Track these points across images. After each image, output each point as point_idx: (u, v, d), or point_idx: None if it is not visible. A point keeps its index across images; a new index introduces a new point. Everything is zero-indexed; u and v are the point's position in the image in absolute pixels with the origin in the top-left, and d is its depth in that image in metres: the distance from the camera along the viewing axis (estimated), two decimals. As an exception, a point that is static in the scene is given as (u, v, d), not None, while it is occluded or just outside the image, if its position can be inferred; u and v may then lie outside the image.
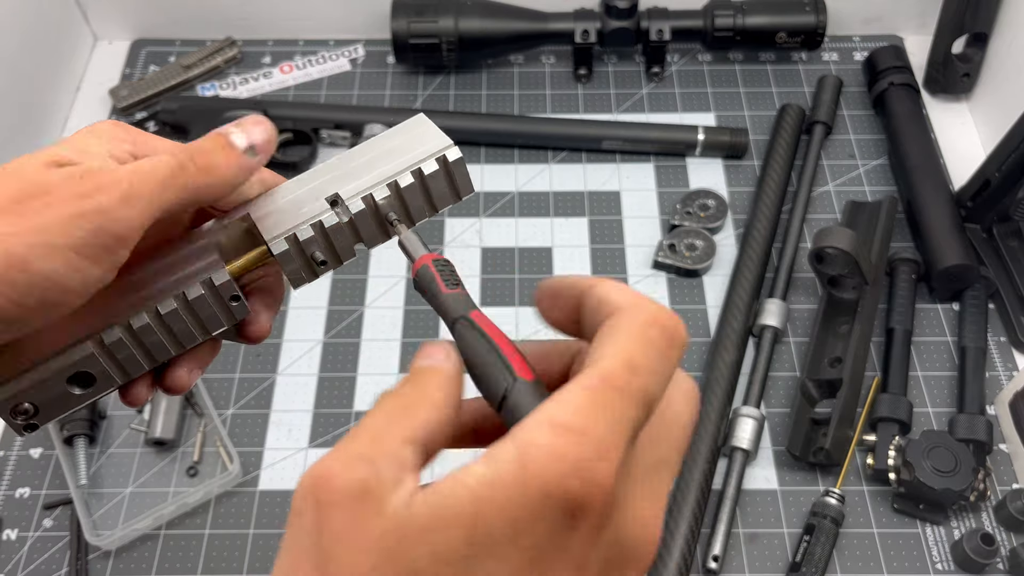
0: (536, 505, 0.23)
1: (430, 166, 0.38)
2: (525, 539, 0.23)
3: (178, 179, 0.33)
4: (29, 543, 0.65)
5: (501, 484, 0.23)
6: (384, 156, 0.39)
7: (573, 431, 0.23)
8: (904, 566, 0.63)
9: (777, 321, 0.73)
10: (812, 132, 0.86)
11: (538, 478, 0.23)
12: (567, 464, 0.23)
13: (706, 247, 0.78)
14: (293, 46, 0.97)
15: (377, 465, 0.25)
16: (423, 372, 0.29)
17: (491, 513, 0.23)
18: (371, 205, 0.38)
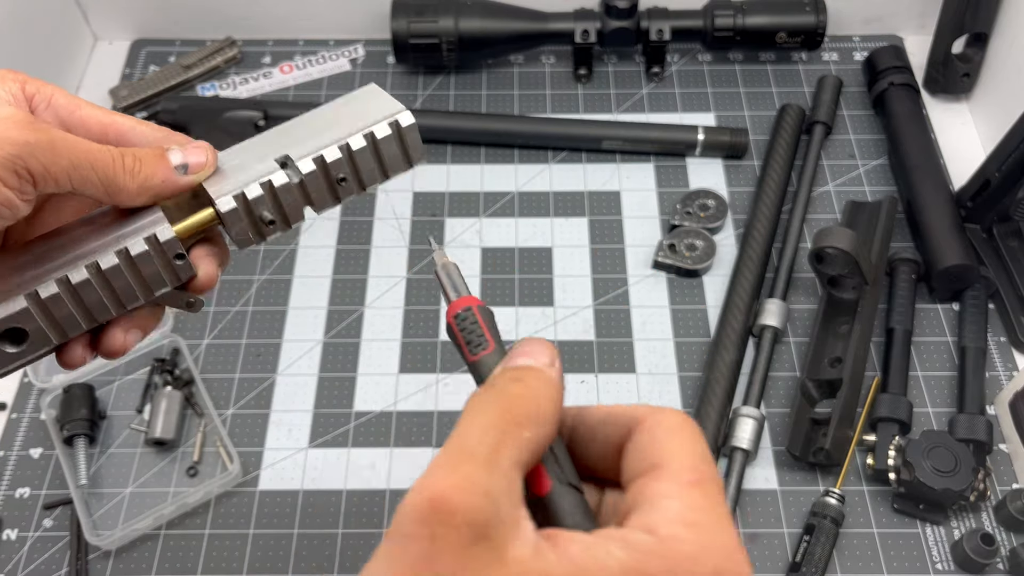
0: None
1: (383, 130, 0.38)
2: None
3: (105, 166, 0.34)
4: (29, 543, 0.65)
5: (646, 561, 0.23)
6: (336, 122, 0.38)
7: (704, 534, 0.24)
8: (904, 566, 0.63)
9: (777, 321, 0.73)
10: (812, 132, 0.86)
11: (690, 563, 0.23)
12: (719, 558, 0.24)
13: (706, 247, 0.78)
14: (293, 46, 0.97)
15: (497, 502, 0.23)
16: (532, 377, 0.27)
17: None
18: (322, 166, 0.37)
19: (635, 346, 0.75)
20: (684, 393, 0.72)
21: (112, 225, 0.36)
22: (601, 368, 0.73)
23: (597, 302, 0.77)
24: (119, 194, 0.35)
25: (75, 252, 0.35)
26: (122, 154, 0.35)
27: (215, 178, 0.37)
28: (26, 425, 0.71)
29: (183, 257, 0.37)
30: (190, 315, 0.77)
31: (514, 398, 0.26)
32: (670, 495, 0.25)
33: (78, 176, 0.33)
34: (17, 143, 0.32)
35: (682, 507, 0.25)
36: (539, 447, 0.26)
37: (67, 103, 0.38)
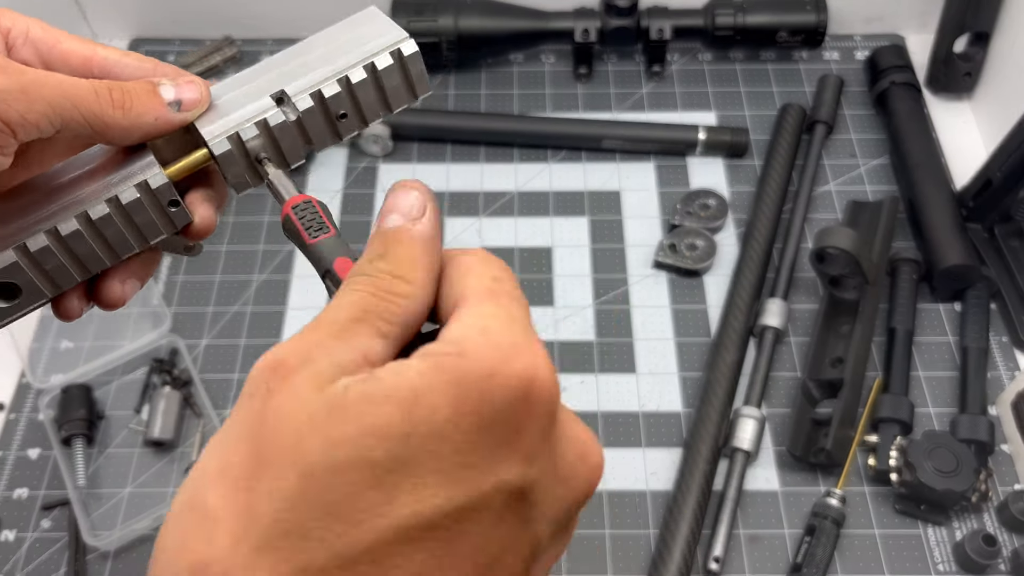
0: (482, 385, 0.22)
1: (384, 60, 0.35)
2: (470, 420, 0.22)
3: (88, 103, 0.31)
4: (27, 544, 0.65)
5: (441, 368, 0.22)
6: (334, 51, 0.36)
7: (491, 333, 0.23)
8: (905, 567, 0.63)
9: (778, 321, 0.72)
10: (813, 131, 0.86)
11: (481, 361, 0.22)
12: (507, 349, 0.23)
13: (706, 247, 0.78)
14: (292, 45, 0.97)
15: (337, 355, 0.23)
16: (400, 241, 0.26)
17: (432, 393, 0.22)
18: (320, 102, 0.35)
19: (635, 346, 0.74)
20: (685, 393, 0.72)
21: (102, 167, 0.34)
22: (601, 368, 0.73)
23: (597, 302, 0.77)
24: (108, 131, 0.32)
25: (64, 200, 0.33)
26: (108, 88, 0.32)
27: (207, 114, 0.35)
28: (24, 426, 0.71)
29: (177, 204, 0.35)
30: (189, 316, 0.76)
31: (381, 275, 0.25)
32: (462, 315, 0.24)
33: (59, 118, 0.31)
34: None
35: (472, 318, 0.24)
36: (413, 316, 0.25)
37: (45, 36, 0.35)
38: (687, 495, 0.64)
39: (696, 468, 0.65)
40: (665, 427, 0.70)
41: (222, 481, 0.22)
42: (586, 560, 0.64)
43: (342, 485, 0.21)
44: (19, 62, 0.33)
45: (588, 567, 0.64)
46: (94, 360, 0.72)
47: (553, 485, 0.24)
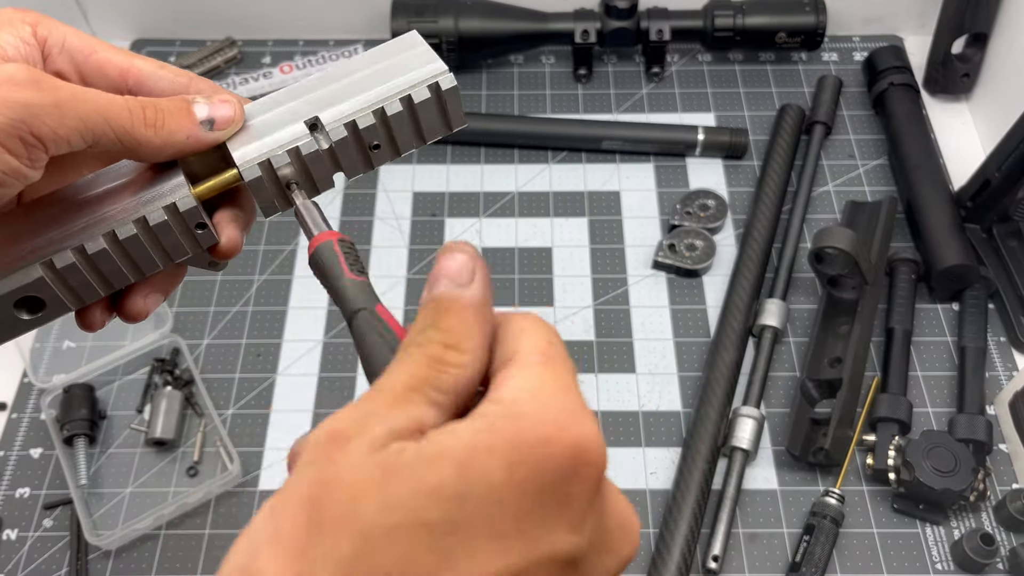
0: (539, 451, 0.22)
1: (421, 94, 0.35)
2: (525, 485, 0.22)
3: (121, 120, 0.31)
4: (29, 543, 0.65)
5: (495, 430, 0.22)
6: (371, 77, 0.35)
7: (546, 397, 0.23)
8: (904, 566, 0.63)
9: (777, 321, 0.73)
10: (812, 132, 0.86)
11: (538, 425, 0.22)
12: (564, 416, 0.23)
13: (706, 247, 0.78)
14: (293, 46, 0.97)
15: (392, 423, 0.23)
16: (450, 310, 0.26)
17: (488, 454, 0.22)
18: (354, 132, 0.35)
19: (635, 346, 0.75)
20: (684, 393, 0.72)
21: (131, 183, 0.34)
22: (601, 368, 0.73)
23: (597, 302, 0.77)
24: (139, 149, 0.32)
25: (91, 216, 0.33)
26: (141, 106, 0.32)
27: (240, 135, 0.34)
28: (26, 425, 0.71)
29: (204, 226, 0.35)
30: (190, 316, 0.77)
31: (433, 344, 0.25)
32: (516, 376, 0.24)
33: (91, 133, 0.31)
34: (18, 106, 0.29)
35: (525, 380, 0.24)
36: (465, 382, 0.25)
37: (82, 46, 0.35)
38: (686, 494, 0.64)
39: (695, 467, 0.65)
40: (665, 427, 0.70)
41: (276, 546, 0.21)
42: (586, 559, 0.64)
43: (398, 548, 0.21)
44: (55, 72, 0.34)
45: (588, 566, 0.64)
46: (96, 360, 0.72)
47: (600, 553, 0.24)
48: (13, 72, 0.30)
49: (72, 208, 0.33)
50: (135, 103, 0.32)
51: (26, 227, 0.33)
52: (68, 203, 0.33)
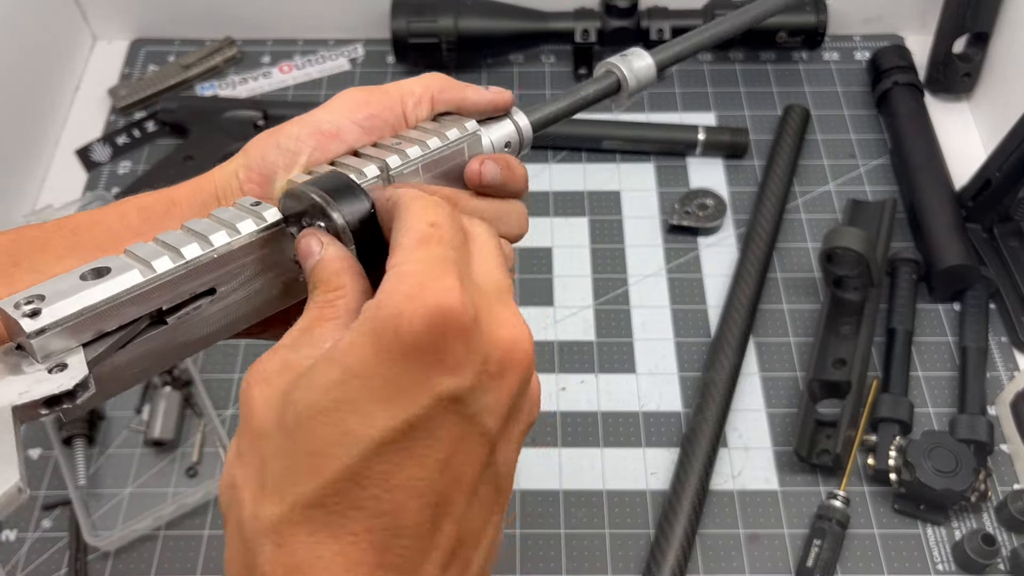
0: (393, 324, 0.27)
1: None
2: (389, 354, 0.27)
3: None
4: (28, 544, 0.65)
5: (363, 323, 0.27)
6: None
7: (404, 275, 0.28)
8: (905, 567, 0.63)
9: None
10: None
11: (391, 307, 0.27)
12: (415, 289, 0.27)
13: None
14: (292, 46, 0.97)
15: (299, 348, 0.29)
16: (315, 271, 0.32)
17: (358, 345, 0.27)
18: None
19: (635, 346, 0.74)
20: (684, 393, 0.72)
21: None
22: (601, 368, 0.73)
23: (597, 302, 0.77)
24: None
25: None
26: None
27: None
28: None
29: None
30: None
31: (317, 293, 0.32)
32: (392, 264, 0.29)
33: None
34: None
35: (397, 267, 0.28)
36: (352, 303, 0.31)
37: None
38: (682, 495, 0.64)
39: (692, 469, 0.65)
40: (665, 427, 0.70)
41: (239, 461, 0.29)
42: (586, 559, 0.64)
43: (311, 432, 0.27)
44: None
45: (588, 566, 0.64)
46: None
47: (487, 384, 0.28)
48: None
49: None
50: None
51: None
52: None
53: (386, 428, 0.26)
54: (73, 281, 0.31)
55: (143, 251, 0.33)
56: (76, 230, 0.36)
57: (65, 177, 0.87)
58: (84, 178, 0.87)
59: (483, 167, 0.39)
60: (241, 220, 0.34)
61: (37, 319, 0.30)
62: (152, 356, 0.34)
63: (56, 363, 0.31)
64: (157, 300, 0.33)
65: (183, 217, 0.38)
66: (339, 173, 0.35)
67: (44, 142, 0.89)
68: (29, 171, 0.86)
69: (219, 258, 0.34)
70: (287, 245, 0.36)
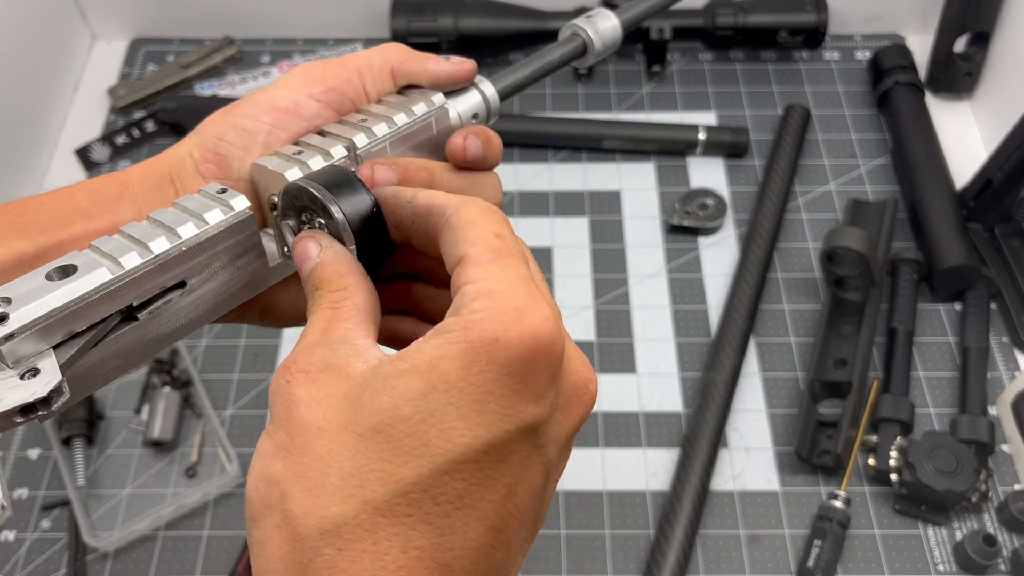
0: (488, 350, 0.26)
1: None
2: (481, 377, 0.26)
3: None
4: (27, 544, 0.65)
5: (451, 342, 0.27)
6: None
7: (496, 299, 0.27)
8: (906, 567, 0.63)
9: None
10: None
11: (485, 331, 0.27)
12: (511, 314, 0.27)
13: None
14: (292, 45, 0.97)
15: (334, 347, 0.29)
16: (316, 274, 0.32)
17: (444, 361, 0.26)
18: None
19: (636, 346, 0.74)
20: (685, 393, 0.72)
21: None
22: (602, 368, 0.73)
23: (597, 302, 0.77)
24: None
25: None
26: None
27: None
28: (24, 426, 0.71)
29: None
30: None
31: (317, 302, 0.31)
32: (471, 279, 0.28)
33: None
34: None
35: (477, 284, 0.28)
36: (364, 304, 0.31)
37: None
38: (683, 495, 0.64)
39: (693, 469, 0.65)
40: (665, 427, 0.70)
41: (281, 455, 0.27)
42: (586, 560, 0.64)
43: (388, 438, 0.26)
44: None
45: (588, 567, 0.64)
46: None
47: (558, 417, 0.29)
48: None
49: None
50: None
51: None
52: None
53: (467, 447, 0.26)
54: (39, 281, 0.30)
55: (109, 246, 0.32)
56: (22, 212, 0.35)
57: (64, 177, 0.87)
58: (83, 178, 0.87)
59: (467, 142, 0.38)
60: (208, 210, 0.33)
61: (4, 324, 0.29)
62: (125, 353, 0.33)
63: (27, 368, 0.29)
64: (127, 297, 0.32)
65: (136, 200, 0.37)
66: (340, 168, 0.35)
67: (43, 142, 0.89)
68: (28, 171, 0.86)
69: (188, 251, 0.33)
70: (255, 233, 0.35)
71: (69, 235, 0.35)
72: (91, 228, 0.35)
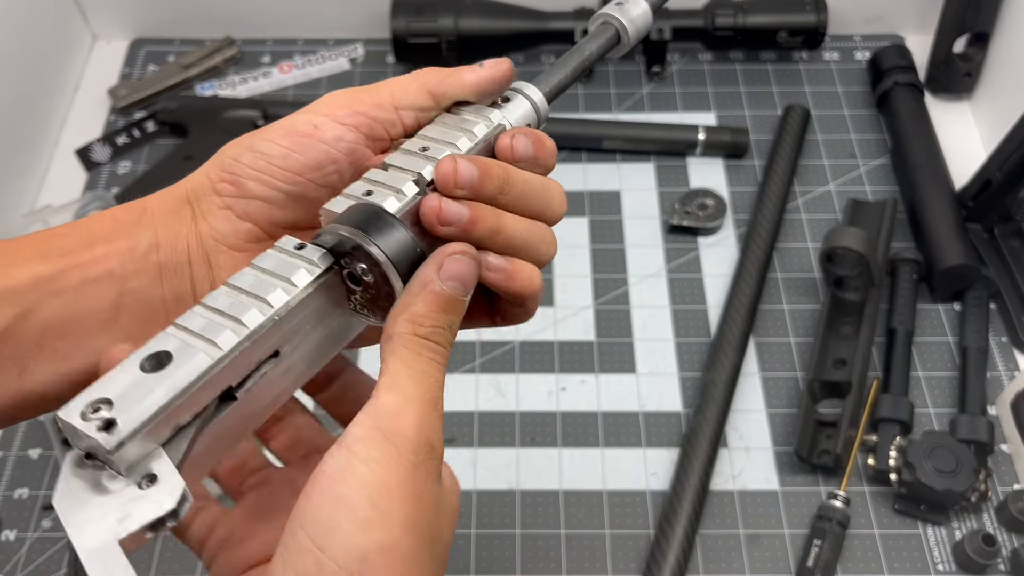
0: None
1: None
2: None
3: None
4: (28, 544, 0.65)
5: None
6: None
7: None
8: (905, 567, 0.63)
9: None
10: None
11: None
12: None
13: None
14: (292, 45, 0.97)
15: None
16: (455, 308, 0.34)
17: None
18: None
19: (635, 346, 0.74)
20: (685, 393, 0.72)
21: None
22: (602, 368, 0.73)
23: (597, 302, 0.77)
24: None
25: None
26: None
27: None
28: (24, 425, 0.71)
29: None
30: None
31: (444, 340, 0.34)
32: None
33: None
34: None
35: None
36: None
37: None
38: (683, 495, 0.64)
39: (692, 469, 0.65)
40: (665, 427, 0.70)
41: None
42: (586, 560, 0.64)
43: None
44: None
45: (588, 567, 0.64)
46: (95, 360, 0.72)
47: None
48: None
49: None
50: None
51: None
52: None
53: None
54: (135, 375, 0.28)
55: (196, 324, 0.30)
56: (46, 239, 0.36)
57: (65, 177, 0.87)
58: (84, 178, 0.87)
59: (515, 140, 0.37)
60: (293, 271, 0.32)
61: (114, 431, 0.27)
62: (227, 436, 0.31)
63: (143, 475, 0.27)
64: (227, 378, 0.30)
65: (153, 223, 0.36)
66: (370, 206, 0.33)
67: (44, 142, 0.89)
68: (29, 171, 0.86)
69: (281, 319, 0.31)
70: (339, 284, 0.34)
71: (89, 257, 0.35)
72: (110, 250, 0.36)
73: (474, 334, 0.75)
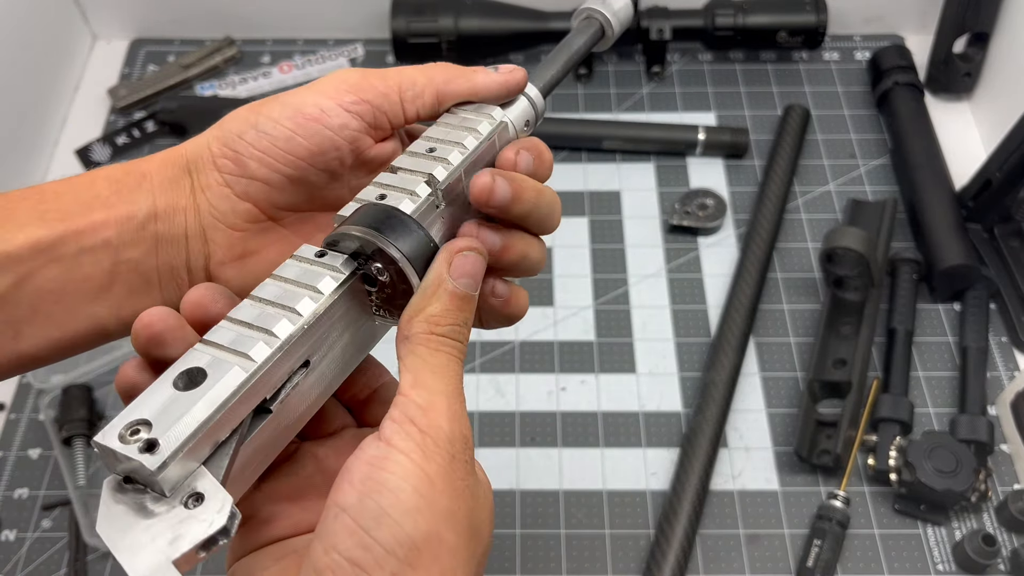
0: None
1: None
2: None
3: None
4: (28, 544, 0.65)
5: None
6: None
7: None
8: (905, 567, 0.63)
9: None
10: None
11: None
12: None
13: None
14: (292, 45, 0.97)
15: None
16: (468, 305, 0.34)
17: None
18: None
19: (635, 346, 0.74)
20: (685, 393, 0.72)
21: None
22: (602, 368, 0.73)
23: (597, 302, 0.77)
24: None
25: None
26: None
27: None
28: (25, 426, 0.71)
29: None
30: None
31: (460, 336, 0.34)
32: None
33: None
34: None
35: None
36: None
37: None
38: (683, 495, 0.64)
39: (692, 469, 0.65)
40: (665, 427, 0.70)
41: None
42: (586, 560, 0.64)
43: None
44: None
45: (588, 567, 0.64)
46: (94, 360, 0.72)
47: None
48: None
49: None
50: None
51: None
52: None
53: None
54: (169, 393, 0.28)
55: (226, 338, 0.30)
56: (42, 198, 0.35)
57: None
58: (84, 178, 0.87)
59: (519, 156, 0.38)
60: (318, 279, 0.32)
61: (156, 452, 0.27)
62: (263, 451, 0.31)
63: (188, 494, 0.27)
64: (262, 391, 0.30)
65: (153, 190, 0.36)
66: (387, 208, 0.33)
67: (44, 142, 0.89)
68: (29, 171, 0.86)
69: (309, 328, 0.31)
70: (363, 291, 0.34)
71: (88, 223, 0.35)
72: (110, 216, 0.35)
73: (474, 334, 0.75)
